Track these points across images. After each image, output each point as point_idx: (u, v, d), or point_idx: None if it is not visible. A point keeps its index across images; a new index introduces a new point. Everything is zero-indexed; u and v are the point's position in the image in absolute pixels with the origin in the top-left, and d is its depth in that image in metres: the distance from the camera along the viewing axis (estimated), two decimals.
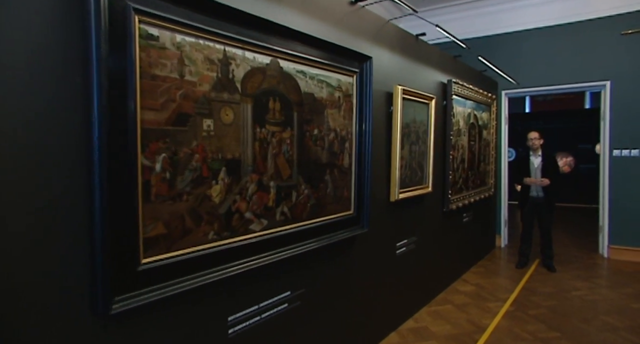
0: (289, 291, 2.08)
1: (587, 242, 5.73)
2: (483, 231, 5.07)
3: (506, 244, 5.71)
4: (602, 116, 5.09)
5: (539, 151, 4.54)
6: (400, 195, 2.95)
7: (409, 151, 3.08)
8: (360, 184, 2.47)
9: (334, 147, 2.28)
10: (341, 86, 2.31)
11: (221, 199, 1.64)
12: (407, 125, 3.04)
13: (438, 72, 3.67)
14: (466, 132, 4.26)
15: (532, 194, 4.54)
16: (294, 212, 2.03)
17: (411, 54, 3.19)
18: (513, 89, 5.46)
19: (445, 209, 3.80)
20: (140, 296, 1.32)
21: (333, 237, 2.29)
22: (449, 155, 3.79)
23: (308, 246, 2.11)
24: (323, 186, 2.21)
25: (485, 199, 4.93)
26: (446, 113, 3.78)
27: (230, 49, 1.65)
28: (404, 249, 3.17)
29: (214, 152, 1.60)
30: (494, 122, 5.15)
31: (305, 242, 2.11)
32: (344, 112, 2.34)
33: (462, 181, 4.19)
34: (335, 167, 2.29)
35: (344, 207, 2.38)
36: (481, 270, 4.56)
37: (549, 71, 5.27)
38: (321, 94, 2.16)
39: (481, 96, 4.61)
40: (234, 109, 1.68)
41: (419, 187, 3.27)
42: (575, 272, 4.46)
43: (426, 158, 3.36)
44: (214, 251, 1.61)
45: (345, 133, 2.36)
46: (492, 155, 5.15)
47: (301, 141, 2.04)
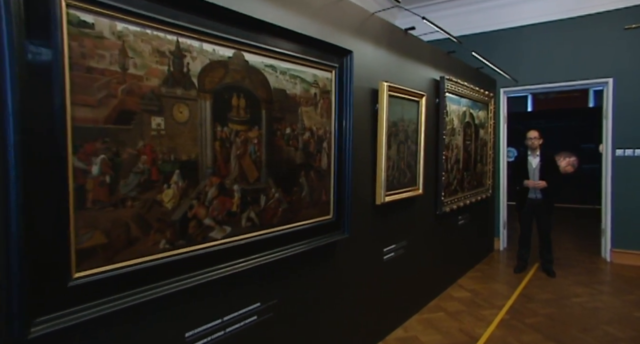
0: (258, 303, 1.93)
1: (590, 245, 5.53)
2: (480, 233, 4.89)
3: (505, 247, 5.53)
4: (604, 114, 4.90)
5: (537, 151, 4.37)
6: (387, 198, 2.80)
7: (396, 151, 2.93)
8: (340, 186, 2.32)
9: (310, 148, 2.13)
10: (318, 81, 2.16)
11: (174, 204, 1.49)
12: (395, 124, 2.89)
13: (430, 68, 3.51)
14: (461, 131, 4.10)
15: (530, 195, 4.37)
16: (263, 217, 1.88)
17: (399, 49, 3.03)
18: (512, 87, 5.28)
19: (439, 211, 3.64)
20: (71, 316, 1.18)
21: (310, 244, 2.14)
22: (442, 155, 3.62)
23: (281, 254, 1.96)
24: (297, 189, 2.06)
25: (483, 200, 4.76)
26: (439, 111, 3.62)
27: (184, 40, 1.50)
28: (392, 254, 3.01)
29: (165, 153, 1.46)
30: (492, 121, 4.98)
31: (278, 249, 1.96)
32: (321, 110, 2.19)
33: (456, 182, 4.03)
34: (311, 168, 2.15)
35: (322, 211, 2.23)
36: (478, 275, 4.39)
37: (549, 68, 5.08)
38: (294, 91, 2.01)
39: (477, 94, 4.44)
40: (189, 106, 1.54)
41: (409, 189, 3.11)
42: (576, 277, 4.28)
43: (416, 158, 3.21)
44: (166, 261, 1.47)
45: (322, 132, 2.21)
46: (490, 155, 4.98)
47: (271, 140, 1.90)
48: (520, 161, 4.51)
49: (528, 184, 4.31)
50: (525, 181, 4.34)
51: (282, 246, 1.99)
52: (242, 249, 1.78)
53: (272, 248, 1.93)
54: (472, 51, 3.87)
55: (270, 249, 1.92)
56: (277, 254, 1.95)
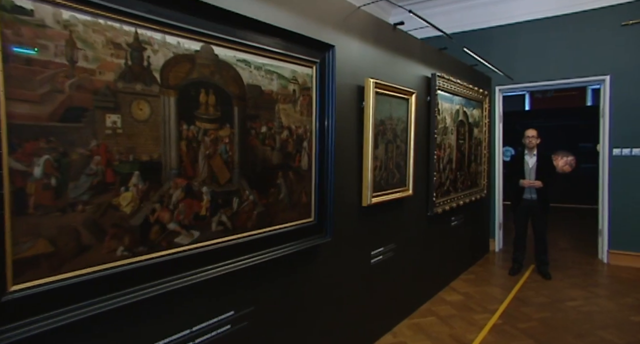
0: (232, 311, 1.82)
1: (587, 246, 5.43)
2: (475, 235, 4.79)
3: (501, 248, 5.43)
4: (601, 112, 4.79)
5: (534, 150, 4.27)
6: (374, 199, 2.69)
7: (384, 150, 2.82)
8: (322, 188, 2.22)
9: (288, 147, 2.02)
10: (297, 77, 2.05)
11: (134, 208, 1.39)
12: (382, 122, 2.78)
13: (421, 65, 3.41)
14: (454, 130, 3.99)
15: (525, 195, 4.27)
16: (236, 221, 1.77)
17: (388, 45, 2.93)
18: (507, 85, 5.18)
19: (430, 213, 3.53)
20: (5, 334, 1.07)
21: (289, 248, 2.03)
22: (434, 155, 3.52)
23: (257, 259, 1.86)
24: (274, 191, 1.95)
25: (477, 201, 4.66)
26: (430, 109, 3.52)
27: (144, 31, 1.39)
28: (381, 257, 2.91)
29: (122, 154, 1.35)
30: (487, 120, 4.87)
31: (253, 255, 1.85)
32: (300, 108, 2.08)
33: (449, 182, 3.92)
34: (290, 169, 2.04)
35: (302, 214, 2.13)
36: (471, 277, 4.29)
37: (545, 66, 4.98)
38: (270, 87, 1.91)
39: (471, 92, 4.34)
40: (150, 102, 1.43)
41: (398, 190, 3.01)
42: (572, 279, 4.18)
43: (406, 158, 3.10)
44: (124, 269, 1.36)
45: (302, 131, 2.10)
46: (485, 155, 4.87)
47: (244, 139, 1.79)
48: (517, 160, 4.41)
49: (523, 184, 4.21)
50: (520, 180, 4.24)
51: (258, 250, 1.88)
52: (213, 255, 1.68)
53: (247, 253, 1.83)
54: (463, 47, 3.75)
55: (245, 255, 1.82)
56: (253, 259, 1.84)
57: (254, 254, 1.85)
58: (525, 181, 4.19)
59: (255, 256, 1.85)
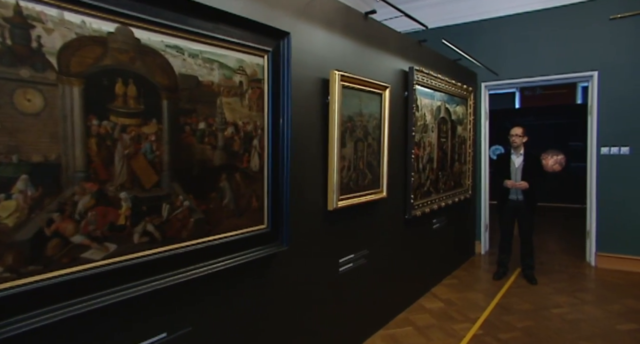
0: (164, 333, 1.59)
1: (575, 248, 5.27)
2: (459, 237, 4.60)
3: (487, 250, 5.25)
4: (589, 110, 4.62)
5: (520, 149, 4.07)
6: (341, 202, 2.47)
7: (353, 149, 2.60)
8: (276, 191, 1.99)
9: (234, 146, 1.79)
10: (244, 68, 1.82)
11: (19, 220, 1.15)
12: (351, 118, 2.56)
13: (397, 58, 3.19)
14: (435, 127, 3.79)
15: (511, 196, 4.08)
16: (167, 231, 1.54)
17: (359, 35, 2.71)
18: (493, 81, 4.98)
19: (408, 216, 3.33)
20: None
21: (236, 259, 1.81)
22: (412, 154, 3.31)
23: (194, 273, 1.63)
24: (216, 195, 1.72)
25: (461, 202, 4.46)
26: (407, 105, 3.30)
27: (29, 4, 1.16)
28: (351, 265, 2.69)
29: (2, 154, 1.11)
30: (472, 117, 4.68)
31: (190, 268, 1.63)
32: (249, 102, 1.86)
33: (430, 183, 3.72)
34: (236, 170, 1.81)
35: (252, 220, 1.90)
36: (454, 282, 4.09)
37: (532, 61, 4.79)
38: (210, 78, 1.68)
39: (454, 88, 4.13)
40: (44, 92, 1.19)
41: (370, 192, 2.79)
42: (558, 284, 4.00)
43: (379, 158, 2.88)
44: (6, 294, 1.13)
45: (252, 128, 1.88)
46: (470, 153, 4.68)
47: (177, 137, 1.56)
48: (503, 159, 4.22)
49: (508, 184, 4.02)
50: (505, 181, 4.05)
51: (196, 263, 1.65)
52: (137, 270, 1.45)
53: (182, 267, 1.60)
54: (442, 39, 3.54)
55: (179, 268, 1.59)
56: (189, 273, 1.61)
57: (191, 267, 1.63)
58: (509, 182, 4.01)
59: (192, 270, 1.62)
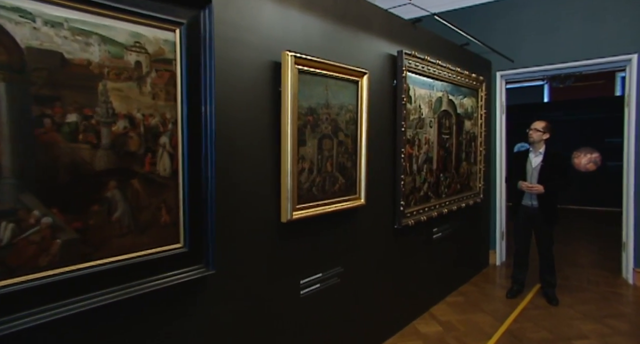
0: None
1: (609, 261, 4.57)
2: (468, 247, 4.04)
3: (503, 261, 4.64)
4: (626, 100, 3.94)
5: (540, 146, 3.47)
6: (299, 213, 2.04)
7: (317, 148, 2.16)
8: (197, 201, 1.59)
9: (129, 145, 1.40)
10: (144, 44, 1.42)
11: None
12: (313, 111, 2.12)
13: (383, 40, 2.71)
14: (434, 122, 3.27)
15: (524, 201, 3.50)
16: (9, 258, 1.17)
17: (327, 12, 2.26)
18: (510, 69, 4.37)
19: (397, 225, 2.84)
20: None
21: (133, 289, 1.42)
22: (401, 153, 2.82)
23: (56, 313, 1.25)
24: (100, 208, 1.34)
25: (471, 207, 3.91)
26: (396, 96, 2.82)
27: None
28: (317, 286, 2.25)
29: None
30: (484, 111, 4.10)
31: (51, 306, 1.25)
32: (153, 88, 1.46)
33: (428, 186, 3.21)
34: (134, 176, 1.42)
35: (160, 239, 1.51)
36: (459, 300, 3.56)
37: (555, 45, 4.14)
38: (85, 55, 1.29)
39: (460, 77, 3.59)
40: None
41: (342, 199, 2.34)
42: (585, 306, 3.38)
43: (355, 158, 2.42)
44: None
45: (157, 122, 1.48)
46: (482, 152, 4.11)
47: (27, 133, 1.18)
48: (519, 157, 3.63)
49: (521, 187, 3.44)
50: (519, 182, 3.47)
51: (67, 298, 1.27)
52: None
53: (42, 304, 1.22)
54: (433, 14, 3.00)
55: (37, 306, 1.21)
56: (46, 314, 1.23)
57: (53, 305, 1.25)
58: (523, 184, 3.42)
59: (54, 309, 1.24)
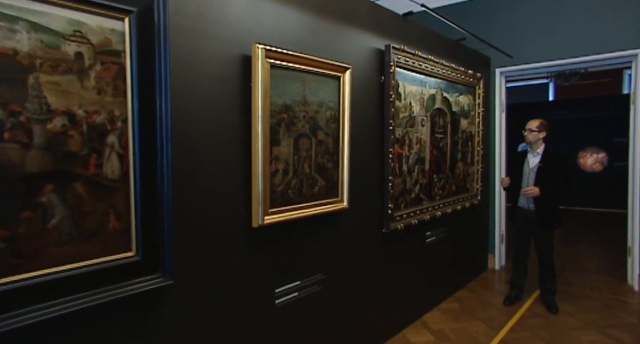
0: None
1: (615, 266, 4.38)
2: (464, 251, 3.88)
3: (503, 265, 4.47)
4: (632, 97, 3.76)
5: (538, 146, 3.30)
6: (272, 217, 1.90)
7: (292, 147, 2.02)
8: (151, 205, 1.46)
9: (68, 144, 1.27)
10: (86, 34, 1.30)
11: None
12: (288, 108, 1.98)
13: (370, 34, 2.56)
14: (427, 120, 3.12)
15: (520, 204, 3.33)
16: None
17: (304, 2, 2.12)
18: (510, 66, 4.19)
19: (386, 229, 2.69)
20: None
21: (75, 303, 1.29)
22: (389, 153, 2.67)
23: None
24: (32, 214, 1.21)
25: (468, 210, 3.75)
26: (384, 93, 2.67)
27: None
28: (295, 295, 2.12)
29: None
30: (481, 109, 3.93)
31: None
32: (98, 83, 1.33)
33: (420, 188, 3.06)
34: (75, 179, 1.29)
35: (109, 247, 1.38)
36: (454, 307, 3.40)
37: (557, 41, 3.96)
38: (11, 44, 1.16)
39: (456, 73, 3.43)
40: None
41: (322, 202, 2.20)
42: (587, 315, 3.21)
43: (337, 158, 2.28)
44: None
45: (103, 119, 1.35)
46: (479, 152, 3.94)
47: None
48: (517, 158, 3.47)
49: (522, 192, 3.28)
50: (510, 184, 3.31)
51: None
52: None
53: None
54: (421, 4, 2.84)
55: None
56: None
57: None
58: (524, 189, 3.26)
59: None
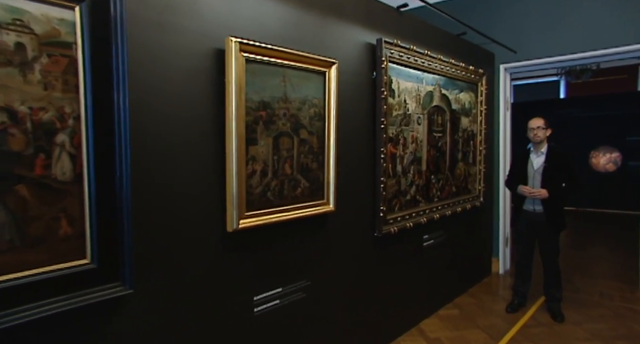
0: None
1: (628, 271, 4.17)
2: (466, 255, 3.72)
3: (507, 269, 4.29)
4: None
5: (543, 146, 3.13)
6: (246, 221, 1.79)
7: (272, 147, 1.90)
8: (109, 208, 1.35)
9: (10, 144, 1.17)
10: (28, 23, 1.20)
11: None
12: (267, 105, 1.86)
13: (358, 27, 2.43)
14: (424, 119, 2.97)
15: (526, 207, 3.16)
16: None
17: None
18: (516, 62, 4.01)
19: (378, 233, 2.56)
20: None
21: (24, 315, 1.19)
22: (381, 153, 2.54)
23: None
24: None
25: (469, 212, 3.59)
26: (376, 89, 2.53)
27: None
28: (276, 303, 2.00)
29: None
30: (484, 107, 3.76)
31: None
32: (44, 77, 1.23)
33: (416, 189, 2.91)
34: (18, 181, 1.19)
35: (59, 254, 1.28)
36: (453, 313, 3.25)
37: (566, 35, 3.77)
38: None
39: (455, 69, 3.28)
40: None
41: (306, 205, 2.08)
42: (595, 325, 3.02)
43: (322, 158, 2.16)
44: None
45: (52, 117, 1.25)
46: (482, 152, 3.78)
47: None
48: (519, 158, 3.29)
49: (523, 191, 3.10)
50: (520, 186, 3.13)
51: None
52: None
53: None
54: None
55: None
56: None
57: None
58: (524, 188, 3.08)
59: None
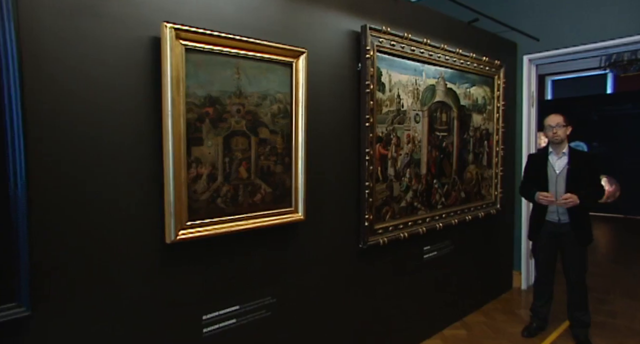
0: None
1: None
2: (481, 267, 3.33)
3: (530, 285, 3.82)
4: None
5: (564, 146, 2.69)
6: (189, 232, 1.58)
7: (222, 148, 1.68)
8: (1, 219, 1.19)
9: None
10: None
11: None
12: (215, 100, 1.65)
13: (341, 12, 2.16)
14: (423, 116, 2.65)
15: (549, 217, 2.72)
16: None
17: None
18: (540, 52, 3.54)
19: (363, 244, 2.28)
20: None
21: None
22: (366, 154, 2.25)
23: None
24: None
25: (483, 220, 3.21)
26: (360, 83, 2.25)
27: None
28: (232, 322, 1.78)
29: None
30: (501, 103, 3.35)
31: None
32: None
33: (413, 195, 2.60)
34: None
35: None
36: (460, 334, 2.89)
37: (602, 17, 3.27)
38: None
39: (465, 60, 2.92)
40: None
41: (268, 213, 1.84)
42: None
43: (289, 160, 1.91)
44: None
45: None
46: (499, 153, 3.37)
47: None
48: (535, 161, 2.85)
49: (541, 199, 2.66)
50: (538, 194, 2.69)
51: None
52: None
53: None
54: None
55: None
56: None
57: None
58: (546, 195, 2.63)
59: None
